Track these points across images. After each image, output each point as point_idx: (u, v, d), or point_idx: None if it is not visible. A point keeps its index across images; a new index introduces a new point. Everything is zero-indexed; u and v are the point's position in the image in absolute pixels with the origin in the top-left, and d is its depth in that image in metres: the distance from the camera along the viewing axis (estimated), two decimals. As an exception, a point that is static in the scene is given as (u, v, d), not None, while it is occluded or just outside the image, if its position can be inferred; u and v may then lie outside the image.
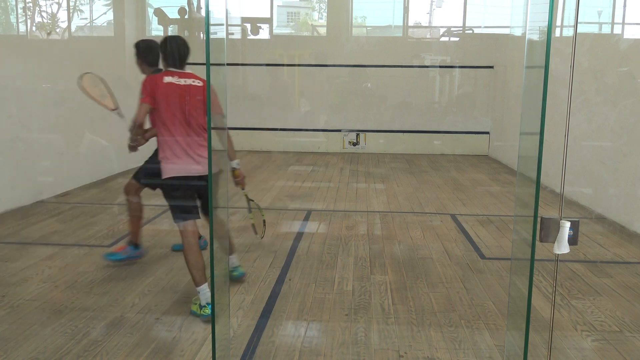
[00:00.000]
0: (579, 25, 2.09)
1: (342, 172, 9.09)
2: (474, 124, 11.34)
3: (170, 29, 10.96)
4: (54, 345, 2.93)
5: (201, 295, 3.31)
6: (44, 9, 7.55)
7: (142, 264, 4.24)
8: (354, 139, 11.51)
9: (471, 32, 11.75)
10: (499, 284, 3.94)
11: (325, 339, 3.06)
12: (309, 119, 11.77)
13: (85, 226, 5.33)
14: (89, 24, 8.63)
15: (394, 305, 3.54)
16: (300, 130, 11.64)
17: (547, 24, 1.70)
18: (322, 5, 13.05)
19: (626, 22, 6.50)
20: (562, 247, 1.77)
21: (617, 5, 6.87)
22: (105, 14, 9.00)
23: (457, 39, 12.06)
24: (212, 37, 1.90)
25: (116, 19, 9.01)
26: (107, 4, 9.04)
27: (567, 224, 1.76)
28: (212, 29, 1.90)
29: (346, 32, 11.75)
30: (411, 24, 11.93)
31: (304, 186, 7.84)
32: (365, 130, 11.48)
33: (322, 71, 11.47)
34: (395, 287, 3.84)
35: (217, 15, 1.96)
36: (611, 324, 3.29)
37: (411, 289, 3.81)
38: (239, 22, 10.54)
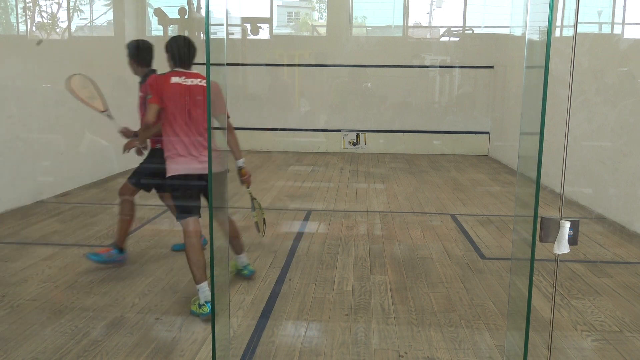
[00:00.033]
0: (579, 25, 2.09)
1: (342, 172, 9.09)
2: (474, 124, 11.34)
3: (170, 29, 10.96)
4: (54, 345, 2.93)
5: (200, 293, 3.31)
6: (44, 9, 7.55)
7: (142, 264, 4.24)
8: (354, 139, 11.51)
9: (471, 32, 11.75)
10: (499, 284, 3.94)
11: (325, 339, 3.06)
12: (309, 119, 11.77)
13: (85, 226, 5.33)
14: (89, 24, 8.62)
15: (394, 305, 3.54)
16: (300, 130, 11.64)
17: (547, 24, 1.71)
18: (322, 5, 13.05)
19: (626, 22, 6.50)
20: (562, 247, 1.77)
21: (617, 5, 6.87)
22: (105, 14, 9.00)
23: (457, 39, 12.06)
24: (212, 37, 1.90)
25: (116, 19, 9.01)
26: (107, 4, 9.03)
27: (567, 224, 1.76)
28: (212, 29, 1.90)
29: (346, 32, 11.75)
30: (411, 24, 11.93)
31: (304, 186, 7.84)
32: (365, 130, 11.48)
33: (322, 71, 11.47)
34: (395, 287, 3.84)
35: (217, 15, 1.96)
36: (611, 324, 3.29)
37: (411, 289, 3.81)
38: (239, 22, 10.54)
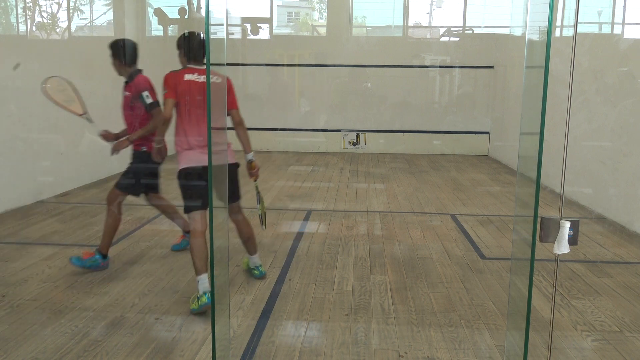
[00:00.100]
0: (579, 25, 2.09)
1: (342, 172, 9.09)
2: (474, 124, 11.34)
3: (170, 29, 10.96)
4: (54, 345, 2.93)
5: (200, 284, 3.35)
6: (44, 9, 7.55)
7: (142, 264, 4.24)
8: (354, 139, 11.51)
9: (471, 32, 11.75)
10: (499, 284, 3.94)
11: (325, 339, 3.06)
12: (309, 119, 11.77)
13: (85, 226, 5.33)
14: (89, 24, 8.62)
15: (394, 305, 3.54)
16: (300, 130, 11.64)
17: (547, 24, 1.71)
18: (322, 5, 13.06)
19: (626, 22, 6.50)
20: (562, 247, 1.77)
21: (617, 5, 6.87)
22: (105, 14, 9.00)
23: (457, 39, 12.06)
24: (212, 37, 1.90)
25: (116, 19, 9.01)
26: (107, 4, 9.03)
27: (567, 224, 1.76)
28: (212, 29, 1.90)
29: (346, 32, 11.75)
30: (411, 24, 11.93)
31: (304, 186, 7.84)
32: (365, 130, 11.48)
33: (322, 71, 11.47)
34: (395, 287, 3.84)
35: (217, 15, 1.96)
36: (611, 324, 3.29)
37: (411, 289, 3.81)
38: (239, 22, 10.54)
